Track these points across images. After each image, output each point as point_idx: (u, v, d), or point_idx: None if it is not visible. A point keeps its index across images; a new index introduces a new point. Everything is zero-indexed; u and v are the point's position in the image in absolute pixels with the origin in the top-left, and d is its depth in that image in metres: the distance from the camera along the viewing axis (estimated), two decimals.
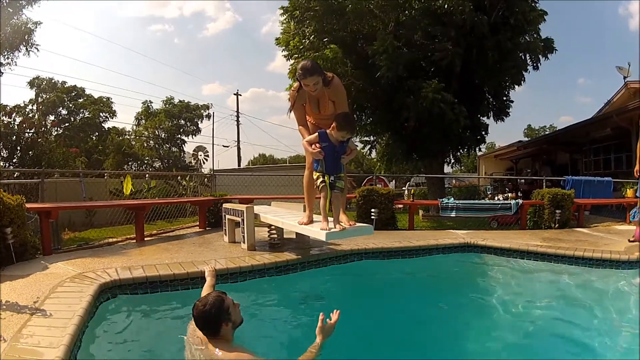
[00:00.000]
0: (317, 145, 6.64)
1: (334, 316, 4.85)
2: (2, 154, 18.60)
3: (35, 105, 42.26)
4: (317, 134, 6.68)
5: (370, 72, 17.92)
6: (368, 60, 17.60)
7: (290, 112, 7.64)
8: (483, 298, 7.83)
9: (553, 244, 10.02)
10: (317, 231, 7.09)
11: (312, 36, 19.08)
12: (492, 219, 14.77)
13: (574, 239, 11.25)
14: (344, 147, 6.85)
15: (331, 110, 7.26)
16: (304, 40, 19.16)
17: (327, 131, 6.58)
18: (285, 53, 20.50)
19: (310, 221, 7.69)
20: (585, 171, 25.46)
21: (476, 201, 16.21)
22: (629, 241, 9.77)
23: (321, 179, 6.89)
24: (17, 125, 20.96)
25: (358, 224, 7.75)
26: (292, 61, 19.81)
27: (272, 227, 9.17)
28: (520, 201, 14.28)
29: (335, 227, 6.94)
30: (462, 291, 8.08)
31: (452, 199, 15.36)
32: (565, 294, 7.76)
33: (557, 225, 13.35)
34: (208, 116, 54.69)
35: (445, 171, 24.56)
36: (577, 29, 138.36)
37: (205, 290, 5.39)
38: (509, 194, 19.74)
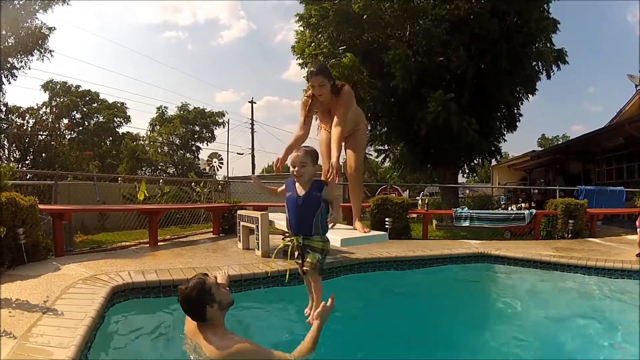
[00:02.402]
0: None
1: (330, 300, 4.95)
2: (15, 155, 18.60)
3: (48, 108, 42.40)
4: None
5: (385, 80, 17.96)
6: (383, 69, 17.59)
7: (305, 117, 7.37)
8: (496, 307, 7.85)
9: (566, 254, 10.01)
10: (332, 237, 6.91)
11: (327, 42, 19.11)
12: (505, 229, 14.62)
13: (586, 248, 11.21)
14: (317, 198, 5.24)
15: (341, 117, 7.17)
16: (319, 48, 19.17)
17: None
18: (300, 61, 20.69)
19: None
20: (598, 181, 25.27)
21: (490, 211, 16.04)
22: (637, 256, 9.63)
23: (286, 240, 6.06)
24: (30, 127, 20.97)
25: (373, 232, 7.70)
26: (307, 69, 19.81)
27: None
28: (534, 211, 14.26)
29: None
30: (475, 301, 8.11)
31: (466, 208, 15.33)
32: (577, 303, 7.75)
33: (570, 235, 13.29)
34: (223, 124, 54.95)
35: (459, 181, 24.52)
36: (586, 37, 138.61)
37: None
38: (522, 204, 19.61)
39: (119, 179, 21.59)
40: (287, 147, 7.02)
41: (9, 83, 28.23)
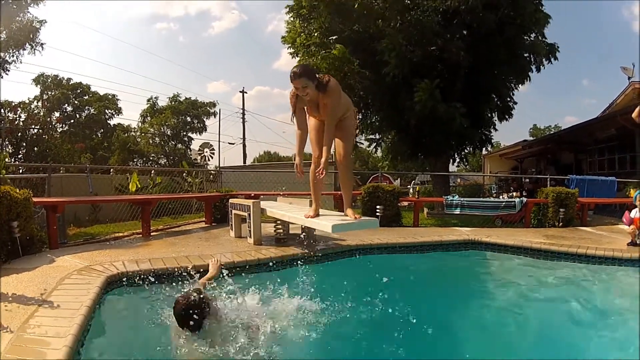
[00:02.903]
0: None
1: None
2: (7, 150, 18.65)
3: (40, 102, 42.25)
4: None
5: (376, 70, 17.96)
6: (374, 58, 17.62)
7: (294, 116, 7.75)
8: (485, 292, 7.93)
9: (556, 242, 10.06)
10: (323, 224, 7.23)
11: (318, 33, 19.13)
12: (496, 217, 14.69)
13: (577, 237, 11.26)
14: None
15: (330, 110, 7.36)
16: (310, 39, 19.20)
17: None
18: (292, 51, 20.73)
19: (317, 214, 7.83)
20: (589, 171, 25.30)
21: (481, 199, 16.21)
22: (628, 245, 9.72)
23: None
24: (22, 121, 20.96)
25: (364, 217, 7.82)
26: (298, 58, 19.99)
27: (278, 222, 9.25)
28: (525, 199, 14.31)
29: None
30: (465, 286, 8.20)
31: (457, 196, 15.37)
32: (565, 289, 7.80)
33: (561, 223, 13.34)
34: (214, 114, 54.73)
35: (450, 170, 24.57)
36: (580, 30, 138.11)
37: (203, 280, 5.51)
38: (514, 193, 19.67)
39: (111, 170, 21.57)
40: (297, 151, 7.72)
41: (1, 77, 28.20)
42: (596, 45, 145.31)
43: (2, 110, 26.02)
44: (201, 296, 4.52)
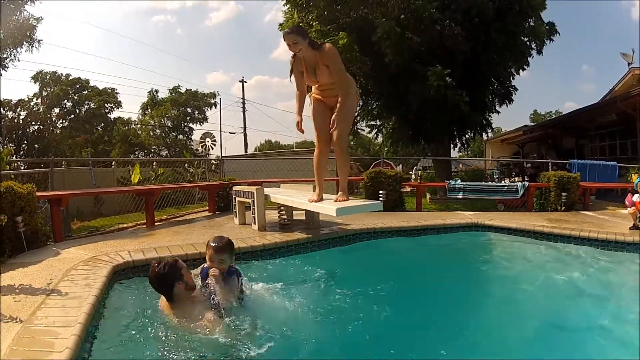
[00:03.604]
0: None
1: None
2: (9, 147, 18.70)
3: (39, 99, 42.18)
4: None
5: (376, 58, 17.97)
6: (374, 46, 17.61)
7: (291, 76, 7.95)
8: (488, 275, 7.94)
9: (558, 225, 10.04)
10: (327, 207, 7.27)
11: (317, 22, 19.12)
12: (499, 201, 14.68)
13: (579, 220, 11.24)
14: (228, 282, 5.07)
15: (327, 78, 7.61)
16: (310, 28, 19.19)
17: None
18: None
19: (321, 199, 7.90)
20: (591, 156, 25.15)
21: (483, 183, 16.25)
22: (630, 229, 9.71)
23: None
24: (22, 119, 21.02)
25: (367, 201, 7.89)
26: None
27: (282, 208, 9.35)
28: (527, 183, 14.26)
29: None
30: (468, 269, 8.16)
31: (459, 180, 15.35)
32: (567, 272, 7.62)
33: (563, 207, 13.30)
34: (215, 104, 54.51)
35: (452, 156, 24.59)
36: (580, 16, 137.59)
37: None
38: (516, 178, 19.66)
39: (113, 163, 21.63)
40: (297, 110, 7.90)
41: (0, 75, 28.26)
42: (595, 30, 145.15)
43: (1, 109, 26.12)
44: (172, 263, 4.74)
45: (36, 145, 20.83)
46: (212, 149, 44.97)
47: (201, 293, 4.92)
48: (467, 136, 21.99)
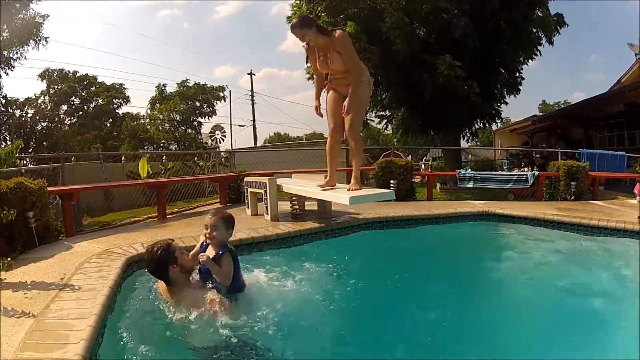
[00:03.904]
0: None
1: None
2: (18, 141, 18.86)
3: (47, 96, 42.17)
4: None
5: (385, 48, 17.98)
6: (382, 36, 17.60)
7: (307, 62, 8.27)
8: (500, 262, 7.91)
9: (568, 214, 10.05)
10: (341, 196, 7.30)
11: (325, 13, 19.15)
12: (509, 191, 14.73)
13: (589, 209, 11.23)
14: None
15: (340, 65, 7.64)
16: (318, 19, 19.24)
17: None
18: None
19: (332, 186, 8.06)
20: (599, 147, 25.13)
21: (493, 172, 16.30)
22: (638, 218, 9.64)
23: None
24: (29, 117, 21.05)
25: (379, 189, 7.87)
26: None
27: (294, 199, 9.33)
28: (537, 173, 14.26)
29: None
30: (480, 257, 8.19)
31: (470, 170, 15.32)
32: (577, 259, 7.89)
33: (572, 197, 13.28)
34: (224, 97, 54.44)
35: (461, 146, 24.65)
36: (587, 5, 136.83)
37: None
38: (525, 168, 19.63)
39: (123, 158, 21.73)
40: (315, 94, 8.19)
41: (7, 74, 28.27)
42: (602, 20, 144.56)
43: (9, 108, 26.17)
44: (165, 247, 4.81)
45: (44, 143, 20.89)
46: (222, 141, 44.90)
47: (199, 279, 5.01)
48: (476, 126, 22.01)
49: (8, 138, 23.78)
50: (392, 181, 12.76)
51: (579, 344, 4.61)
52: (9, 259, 5.01)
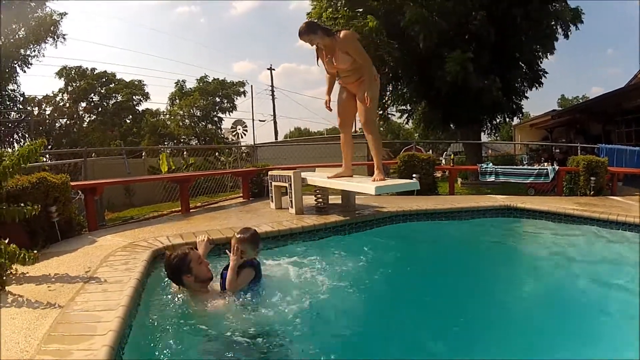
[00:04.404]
0: None
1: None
2: (42, 139, 18.95)
3: (65, 94, 42.33)
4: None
5: (405, 42, 17.98)
6: (402, 30, 17.58)
7: (318, 62, 8.54)
8: (523, 254, 8.09)
9: (588, 209, 10.01)
10: (366, 186, 7.39)
11: (345, 8, 19.17)
12: (529, 186, 14.71)
13: (607, 204, 11.16)
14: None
15: (346, 64, 8.06)
16: (337, 12, 19.29)
17: None
18: None
19: (348, 175, 8.57)
20: (617, 142, 24.95)
21: (514, 166, 16.42)
22: None
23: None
24: (47, 114, 21.14)
25: (403, 180, 8.39)
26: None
27: (318, 192, 9.40)
28: (557, 167, 14.23)
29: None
30: (504, 249, 8.28)
31: (491, 164, 15.36)
32: (600, 253, 7.80)
33: (592, 192, 13.19)
34: (244, 93, 54.55)
35: (482, 140, 24.63)
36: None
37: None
38: (545, 163, 19.56)
39: (143, 153, 21.81)
40: (326, 90, 8.62)
41: (24, 72, 28.45)
42: (619, 13, 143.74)
43: (27, 106, 26.31)
44: (182, 256, 4.83)
45: (63, 140, 20.95)
46: (244, 136, 44.90)
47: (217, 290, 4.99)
48: (497, 120, 21.94)
49: (27, 135, 23.96)
50: (414, 175, 12.70)
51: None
52: (34, 251, 4.95)
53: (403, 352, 4.31)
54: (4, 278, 4.89)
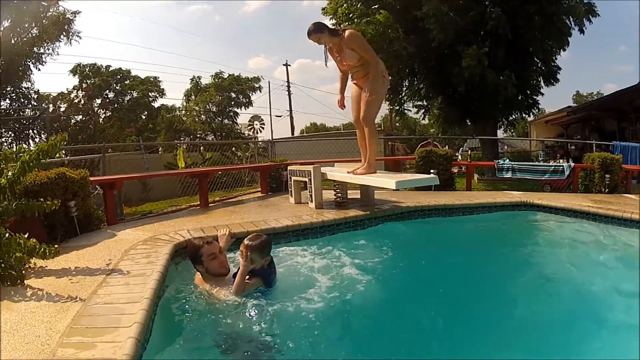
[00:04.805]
0: None
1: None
2: (62, 134, 19.06)
3: (79, 90, 42.49)
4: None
5: (421, 37, 18.04)
6: (418, 25, 17.62)
7: (326, 62, 8.88)
8: (539, 250, 8.01)
9: (603, 206, 9.98)
10: (386, 181, 7.49)
11: (360, 4, 19.24)
12: (545, 182, 14.73)
13: (622, 202, 11.14)
14: None
15: (353, 61, 8.33)
16: (352, 9, 19.34)
17: None
18: (334, 21, 20.92)
19: (372, 172, 8.52)
20: (632, 139, 24.84)
21: (531, 163, 16.43)
22: None
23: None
24: (62, 111, 21.21)
25: (423, 175, 8.67)
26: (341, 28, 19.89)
27: (337, 187, 9.39)
28: (572, 164, 14.19)
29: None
30: (521, 245, 8.21)
31: (508, 160, 15.33)
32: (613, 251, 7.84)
33: (607, 190, 13.10)
34: (259, 88, 54.56)
35: (498, 136, 24.68)
36: None
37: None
38: (560, 160, 19.53)
39: (160, 149, 21.86)
40: (339, 89, 9.07)
41: (38, 70, 28.64)
42: (630, 9, 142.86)
43: (42, 103, 26.43)
44: (195, 247, 5.05)
45: (79, 137, 21.01)
46: (261, 131, 44.87)
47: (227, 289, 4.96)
48: (513, 116, 21.91)
49: (42, 132, 24.08)
50: (432, 170, 12.60)
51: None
52: (55, 245, 4.97)
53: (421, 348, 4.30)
54: (23, 272, 4.88)
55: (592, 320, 4.89)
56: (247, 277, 4.79)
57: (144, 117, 50.00)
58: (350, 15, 19.71)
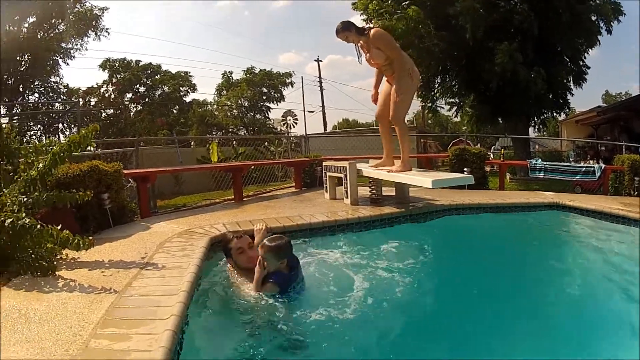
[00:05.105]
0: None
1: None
2: (95, 124, 19.26)
3: (109, 85, 42.74)
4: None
5: (453, 33, 18.00)
6: (449, 22, 17.57)
7: (359, 59, 8.83)
8: (570, 251, 8.02)
9: (632, 209, 9.86)
10: (423, 179, 7.52)
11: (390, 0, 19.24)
12: (576, 184, 14.61)
13: None
14: None
15: (380, 59, 8.41)
16: (383, 5, 19.30)
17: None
18: (364, 17, 20.97)
19: (389, 165, 8.83)
20: None
21: (562, 163, 16.45)
22: None
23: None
24: (93, 105, 21.39)
25: (458, 174, 8.84)
26: (371, 24, 19.55)
27: (372, 183, 9.45)
28: (603, 166, 14.05)
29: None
30: (553, 246, 8.25)
31: (540, 160, 15.27)
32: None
33: (636, 192, 12.91)
34: (291, 84, 54.44)
35: (530, 135, 24.60)
36: None
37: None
38: (591, 161, 19.41)
39: (192, 143, 22.03)
40: (373, 84, 9.05)
41: (67, 64, 28.99)
42: None
43: (72, 98, 26.66)
44: (226, 241, 5.22)
45: (110, 130, 21.16)
46: (294, 126, 44.95)
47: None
48: (544, 115, 21.92)
49: (73, 125, 24.33)
50: (465, 169, 12.65)
51: None
52: (90, 237, 4.96)
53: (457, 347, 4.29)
54: (54, 263, 4.86)
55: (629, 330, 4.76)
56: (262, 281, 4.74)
57: (175, 111, 50.20)
58: (382, 12, 19.47)
